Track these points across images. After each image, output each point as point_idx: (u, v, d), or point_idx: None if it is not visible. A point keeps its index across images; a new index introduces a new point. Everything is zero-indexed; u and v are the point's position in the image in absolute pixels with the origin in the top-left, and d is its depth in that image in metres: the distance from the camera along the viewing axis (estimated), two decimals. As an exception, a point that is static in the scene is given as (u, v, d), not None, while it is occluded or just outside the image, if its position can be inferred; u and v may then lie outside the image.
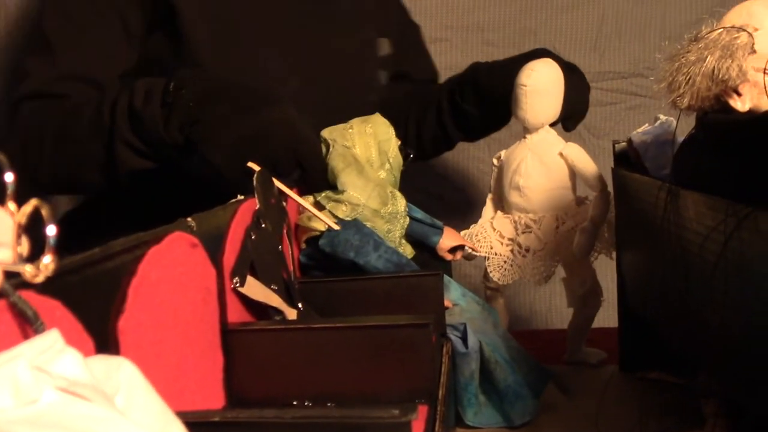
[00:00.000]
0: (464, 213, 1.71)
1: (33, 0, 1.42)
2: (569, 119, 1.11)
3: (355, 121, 0.98)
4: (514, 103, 1.03)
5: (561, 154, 1.03)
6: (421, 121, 1.30)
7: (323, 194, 0.93)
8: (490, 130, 1.31)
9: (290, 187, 0.87)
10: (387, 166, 0.96)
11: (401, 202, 0.95)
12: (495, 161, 1.11)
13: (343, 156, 0.93)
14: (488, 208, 1.12)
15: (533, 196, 1.04)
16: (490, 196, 1.13)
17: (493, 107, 1.15)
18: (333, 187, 0.93)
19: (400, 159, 0.98)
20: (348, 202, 0.90)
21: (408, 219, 0.97)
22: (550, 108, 1.03)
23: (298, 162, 0.91)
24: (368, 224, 0.91)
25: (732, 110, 0.67)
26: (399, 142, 1.00)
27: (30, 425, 0.27)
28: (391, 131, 0.98)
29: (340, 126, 0.97)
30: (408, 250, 0.97)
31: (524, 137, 1.05)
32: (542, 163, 1.03)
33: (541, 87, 1.01)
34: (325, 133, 0.97)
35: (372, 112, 1.25)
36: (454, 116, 1.24)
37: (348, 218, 0.89)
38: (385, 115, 1.03)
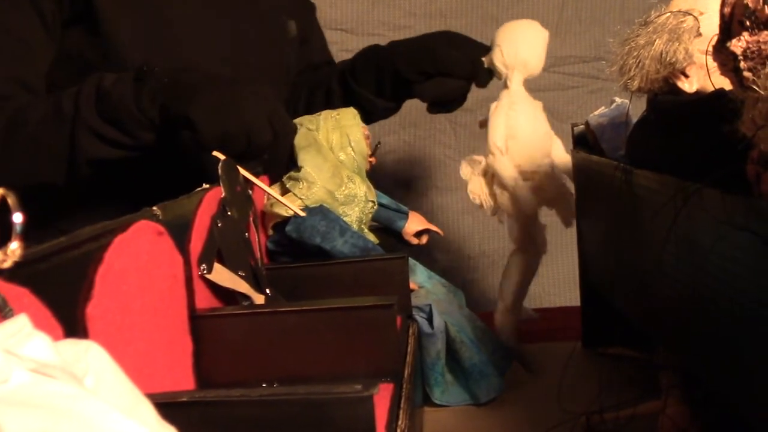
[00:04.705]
0: (431, 198, 1.73)
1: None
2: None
3: (326, 111, 1.01)
4: (522, 55, 1.05)
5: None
6: (310, 104, 1.27)
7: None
8: (382, 115, 1.29)
9: (257, 174, 0.88)
10: (348, 149, 0.98)
11: (360, 187, 0.96)
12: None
13: (305, 136, 0.95)
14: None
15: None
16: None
17: (405, 92, 1.17)
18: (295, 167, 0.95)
19: (363, 146, 0.99)
20: (305, 180, 0.92)
21: (373, 205, 0.99)
22: None
23: (273, 131, 0.91)
24: (324, 205, 0.92)
25: (680, 92, 0.69)
26: (366, 131, 1.01)
27: (2, 403, 0.28)
28: (357, 119, 1.00)
29: (312, 115, 1.00)
30: (371, 238, 0.99)
31: (507, 90, 1.06)
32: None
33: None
34: (296, 120, 0.99)
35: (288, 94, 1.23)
36: (346, 100, 1.20)
37: (304, 197, 0.91)
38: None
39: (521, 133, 1.03)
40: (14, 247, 0.31)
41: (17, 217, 0.30)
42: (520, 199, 1.02)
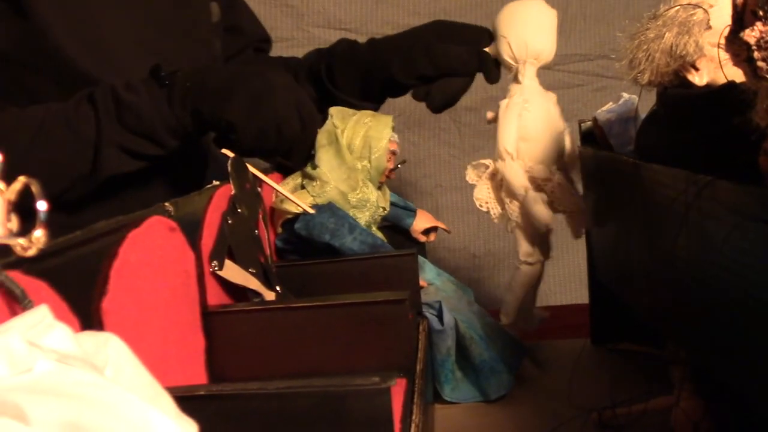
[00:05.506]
0: (436, 197, 1.73)
1: None
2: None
3: (365, 111, 0.98)
4: (533, 45, 0.96)
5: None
6: None
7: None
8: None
9: (266, 172, 0.88)
10: (366, 162, 0.95)
11: (373, 193, 0.96)
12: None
13: (329, 133, 0.94)
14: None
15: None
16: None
17: (397, 94, 1.09)
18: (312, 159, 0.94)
19: (383, 161, 0.95)
20: (319, 178, 0.92)
21: (383, 211, 0.98)
22: None
23: (301, 122, 0.89)
24: (332, 202, 0.92)
25: (690, 85, 0.69)
26: (394, 146, 0.97)
27: (26, 392, 0.28)
28: (388, 131, 0.95)
29: (350, 110, 0.97)
30: (379, 236, 0.98)
31: (519, 84, 0.99)
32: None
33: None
34: (332, 109, 0.97)
35: None
36: (319, 102, 1.09)
37: (316, 195, 0.91)
38: None
39: (534, 135, 0.95)
40: (39, 234, 0.31)
41: (41, 205, 0.30)
42: (530, 211, 0.95)
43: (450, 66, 1.02)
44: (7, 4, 0.95)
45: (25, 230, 0.32)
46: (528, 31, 0.96)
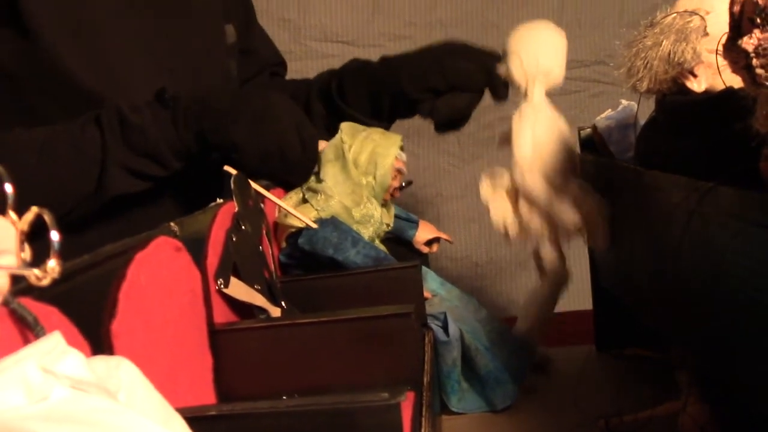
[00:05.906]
0: (437, 206, 1.73)
1: None
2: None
3: (375, 129, 0.98)
4: (544, 63, 0.97)
5: None
6: None
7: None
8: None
9: (268, 188, 0.88)
10: (370, 178, 0.95)
11: (377, 209, 0.96)
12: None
13: (336, 147, 0.94)
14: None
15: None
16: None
17: (405, 112, 1.09)
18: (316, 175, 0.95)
19: (387, 179, 0.95)
20: (323, 192, 0.92)
21: (387, 227, 0.99)
22: None
23: (301, 142, 0.90)
24: (335, 217, 0.92)
25: (689, 91, 0.70)
26: (400, 164, 0.97)
27: (43, 420, 0.28)
28: (394, 150, 0.96)
29: (361, 126, 0.98)
30: (381, 248, 0.98)
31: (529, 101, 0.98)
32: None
33: None
34: (343, 124, 0.98)
35: None
36: (329, 121, 1.10)
37: (321, 209, 0.91)
38: None
39: (547, 145, 0.94)
40: (53, 264, 0.31)
41: (54, 235, 0.30)
42: (557, 210, 0.92)
43: (459, 79, 1.02)
44: (9, 23, 0.95)
45: (35, 255, 0.33)
46: (539, 48, 0.97)
